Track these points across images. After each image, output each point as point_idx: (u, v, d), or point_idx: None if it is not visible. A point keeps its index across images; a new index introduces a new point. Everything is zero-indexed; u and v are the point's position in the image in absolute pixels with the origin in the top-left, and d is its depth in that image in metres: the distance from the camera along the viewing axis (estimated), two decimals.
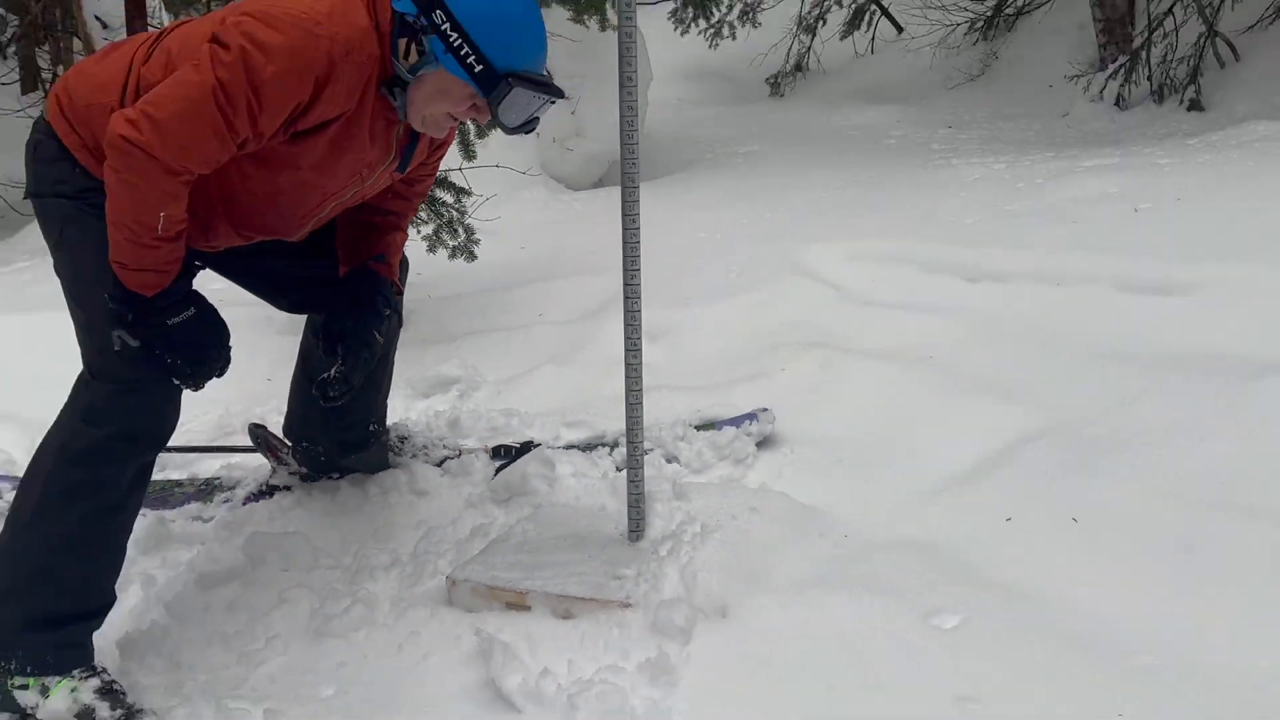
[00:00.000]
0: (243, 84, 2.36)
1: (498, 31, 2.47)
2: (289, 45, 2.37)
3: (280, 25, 2.38)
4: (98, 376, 2.62)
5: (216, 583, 2.97)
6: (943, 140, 7.41)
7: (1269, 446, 2.80)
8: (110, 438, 2.58)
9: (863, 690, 2.33)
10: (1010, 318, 3.71)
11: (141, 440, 2.64)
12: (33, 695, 2.50)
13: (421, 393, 4.14)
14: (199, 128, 2.39)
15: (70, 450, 2.59)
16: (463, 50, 2.45)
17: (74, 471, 2.57)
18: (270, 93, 2.38)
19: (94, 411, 2.59)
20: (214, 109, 2.36)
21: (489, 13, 2.47)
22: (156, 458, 2.73)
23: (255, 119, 2.41)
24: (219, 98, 2.36)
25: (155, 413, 2.65)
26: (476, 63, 2.45)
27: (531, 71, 2.51)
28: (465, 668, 2.55)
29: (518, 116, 2.57)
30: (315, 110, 2.47)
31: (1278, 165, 4.71)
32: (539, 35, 2.57)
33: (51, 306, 2.82)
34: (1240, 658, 2.29)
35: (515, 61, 2.48)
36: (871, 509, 3.00)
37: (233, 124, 2.40)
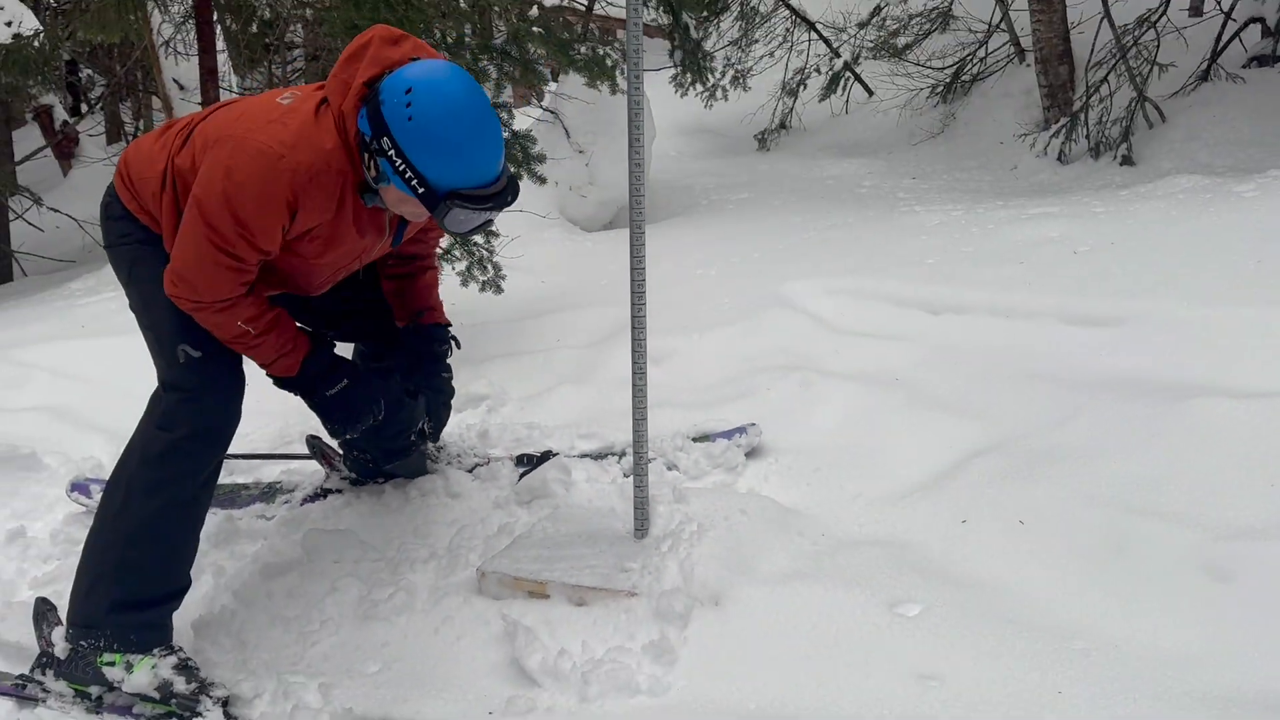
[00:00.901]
0: (230, 223, 2.42)
1: (437, 158, 2.36)
2: (258, 179, 2.39)
3: (250, 161, 2.40)
4: (169, 387, 2.68)
5: (277, 573, 2.99)
6: (907, 190, 7.40)
7: (1188, 460, 2.80)
8: (183, 439, 2.61)
9: (836, 668, 2.35)
10: (966, 346, 3.71)
11: (209, 438, 2.67)
12: (119, 670, 2.52)
13: (455, 408, 4.11)
14: (216, 270, 2.49)
15: (149, 453, 2.62)
16: (406, 174, 2.37)
17: (153, 471, 2.60)
18: (255, 223, 2.43)
19: (167, 417, 2.64)
20: (217, 253, 2.45)
21: (429, 141, 2.36)
22: (223, 460, 2.75)
23: (254, 244, 2.47)
24: (216, 242, 2.44)
25: (219, 414, 2.68)
26: (419, 185, 2.37)
27: (473, 189, 2.39)
28: (493, 648, 2.58)
29: (460, 228, 2.49)
30: (298, 223, 2.50)
31: (1198, 213, 4.69)
32: (482, 155, 2.42)
33: (132, 331, 2.85)
34: (1160, 643, 2.31)
35: (456, 182, 2.37)
36: (845, 511, 3.01)
37: (239, 256, 2.48)
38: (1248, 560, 2.46)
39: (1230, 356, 3.21)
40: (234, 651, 2.72)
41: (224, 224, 2.42)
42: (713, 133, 9.78)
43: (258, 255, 2.52)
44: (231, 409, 2.71)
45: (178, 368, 2.64)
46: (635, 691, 2.36)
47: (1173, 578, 2.48)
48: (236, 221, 2.42)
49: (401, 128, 2.35)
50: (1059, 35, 8.04)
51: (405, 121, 2.35)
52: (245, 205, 2.40)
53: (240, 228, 2.43)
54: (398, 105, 2.35)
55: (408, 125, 2.35)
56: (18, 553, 3.30)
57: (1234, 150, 6.65)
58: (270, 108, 2.53)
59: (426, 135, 2.35)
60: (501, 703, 2.39)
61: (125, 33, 6.79)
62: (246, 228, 2.43)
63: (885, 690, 2.27)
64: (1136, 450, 2.89)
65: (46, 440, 3.98)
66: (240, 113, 2.57)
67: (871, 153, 8.87)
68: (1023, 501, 2.83)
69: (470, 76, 2.47)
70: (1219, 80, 7.52)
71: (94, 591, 2.59)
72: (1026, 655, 2.31)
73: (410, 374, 3.12)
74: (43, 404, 4.26)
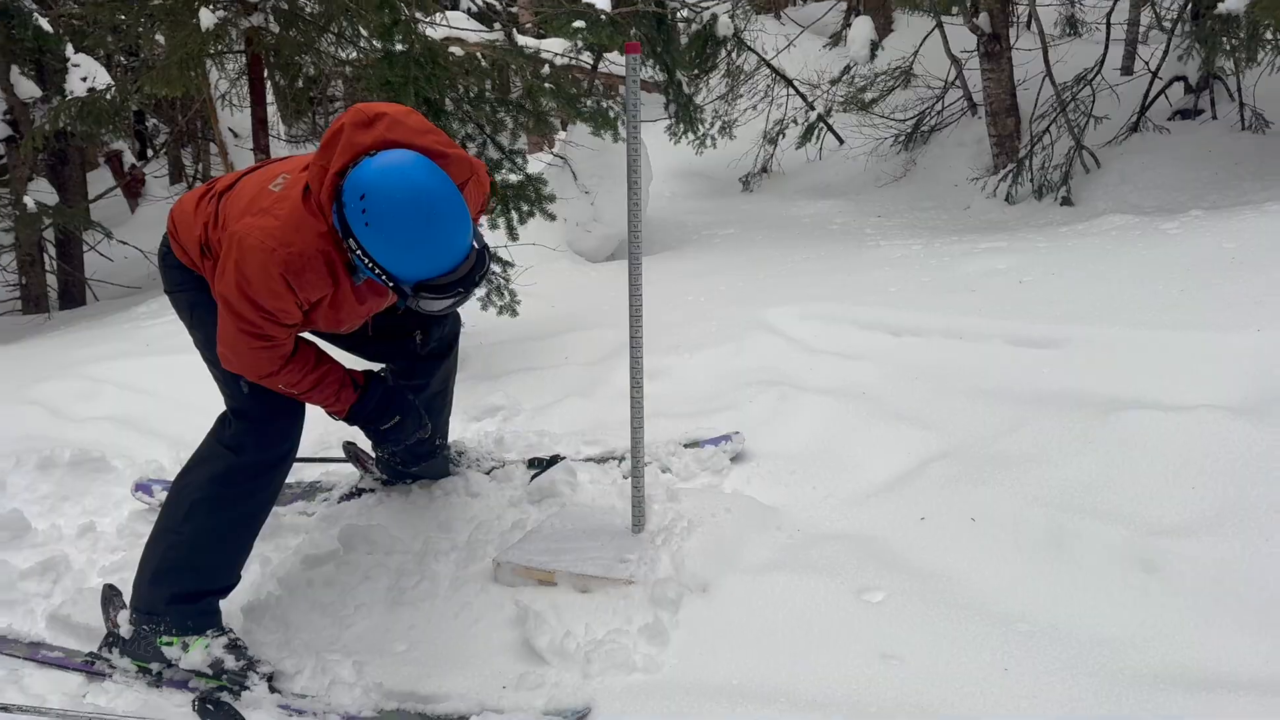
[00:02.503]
0: (251, 311, 2.41)
1: (397, 259, 2.25)
2: (261, 272, 2.35)
3: (251, 256, 2.35)
4: (236, 416, 2.68)
5: (316, 563, 3.00)
6: (873, 227, 7.39)
7: (1120, 465, 2.81)
8: (249, 463, 2.63)
9: (810, 648, 2.35)
10: (924, 364, 3.70)
11: (271, 463, 2.68)
12: (176, 650, 2.53)
13: (474, 417, 4.13)
14: (253, 353, 2.50)
15: (216, 470, 2.63)
16: (375, 271, 2.28)
17: (218, 488, 2.61)
18: (271, 306, 2.41)
19: (235, 440, 2.65)
20: (250, 338, 2.46)
21: (387, 244, 2.24)
22: (287, 475, 2.77)
23: (278, 323, 2.45)
24: (247, 330, 2.45)
25: (281, 442, 2.69)
26: (388, 280, 2.28)
27: (437, 278, 2.27)
28: (506, 629, 2.58)
29: (433, 310, 2.37)
30: (302, 297, 2.44)
31: (1129, 248, 4.72)
32: (438, 249, 2.26)
33: (189, 350, 2.86)
34: (1095, 626, 2.32)
35: (419, 275, 2.27)
36: (817, 509, 3.00)
37: (268, 336, 2.47)
38: (1172, 554, 2.47)
39: (1157, 374, 3.22)
40: (278, 632, 2.73)
41: (248, 312, 2.41)
42: (702, 176, 9.79)
43: (286, 331, 2.50)
44: (292, 437, 2.71)
45: (242, 397, 2.65)
46: (632, 669, 2.36)
47: (1106, 569, 2.49)
48: (256, 309, 2.40)
49: (361, 232, 2.25)
50: (1006, 91, 8.07)
51: (364, 227, 2.24)
52: (259, 294, 2.37)
53: (261, 313, 2.41)
54: (355, 210, 2.24)
55: (366, 230, 2.24)
56: (88, 545, 3.29)
57: (1160, 193, 6.67)
58: (262, 194, 2.47)
59: (384, 239, 2.24)
60: (514, 678, 2.38)
61: (187, 88, 6.78)
62: (266, 312, 2.41)
63: (852, 667, 2.27)
64: (1074, 457, 2.90)
65: (114, 446, 3.97)
66: (248, 198, 2.50)
67: (842, 194, 8.88)
68: (974, 501, 2.83)
69: (428, 167, 2.29)
70: (1147, 131, 7.56)
71: (157, 584, 2.60)
72: (977, 637, 2.32)
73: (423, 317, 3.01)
74: (111, 414, 4.25)
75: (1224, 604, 2.30)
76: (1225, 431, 2.80)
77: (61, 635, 2.76)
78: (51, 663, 2.62)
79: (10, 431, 4.03)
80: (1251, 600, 2.30)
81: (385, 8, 4.58)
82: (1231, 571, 2.38)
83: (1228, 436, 2.78)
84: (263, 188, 2.49)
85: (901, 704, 2.16)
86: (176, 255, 2.73)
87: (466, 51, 5.24)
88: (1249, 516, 2.52)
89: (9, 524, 3.31)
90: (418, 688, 2.43)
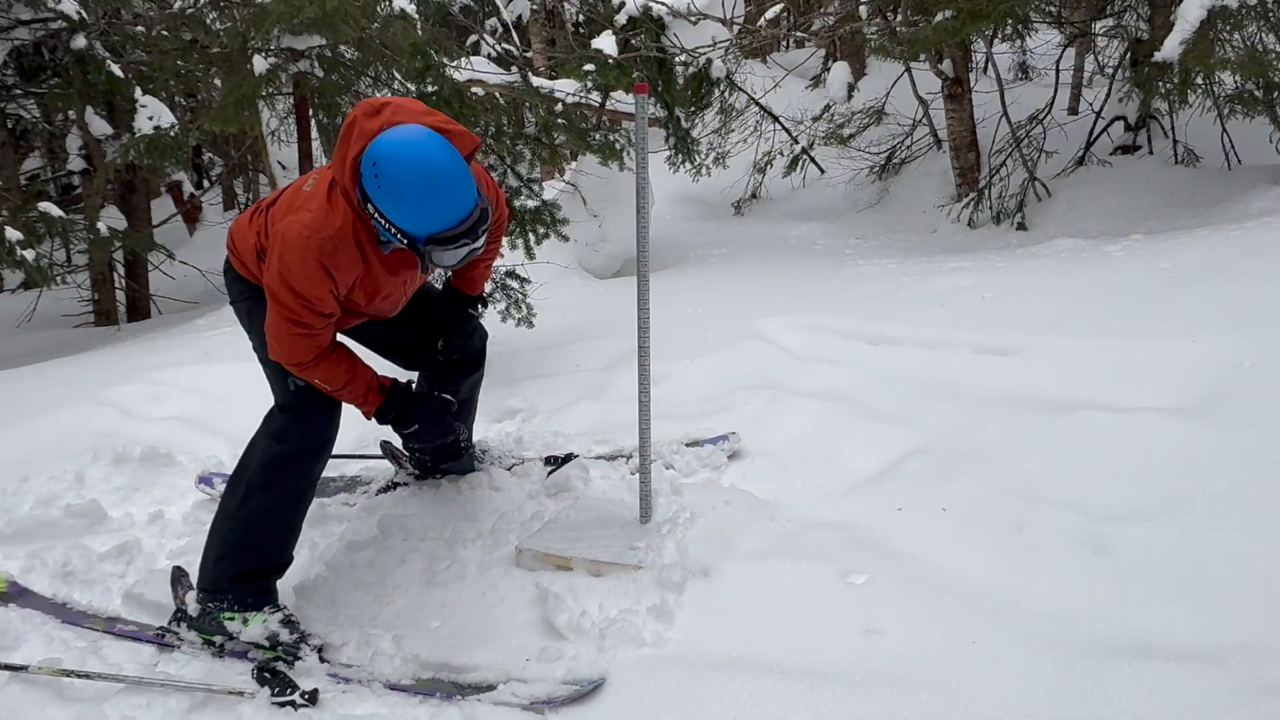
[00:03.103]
0: (291, 298, 2.41)
1: (407, 214, 2.29)
2: (299, 260, 2.38)
3: (290, 249, 2.38)
4: (282, 409, 2.69)
5: (359, 548, 3.00)
6: (852, 248, 7.39)
7: (1072, 460, 2.81)
8: (293, 449, 2.63)
9: (800, 625, 2.35)
10: (899, 370, 3.70)
11: (313, 450, 2.68)
12: (237, 624, 2.54)
13: (495, 419, 4.13)
14: (292, 340, 2.50)
15: (265, 458, 2.63)
16: (390, 230, 2.32)
17: (267, 473, 2.62)
18: (308, 293, 2.41)
19: (281, 431, 2.65)
20: (291, 325, 2.47)
21: (397, 201, 2.28)
22: (326, 463, 2.76)
23: (316, 310, 2.45)
24: (288, 316, 2.45)
25: (321, 432, 2.69)
26: (402, 237, 2.32)
27: (444, 231, 2.30)
28: (528, 609, 2.58)
29: (444, 263, 2.41)
30: (339, 284, 2.46)
31: (1078, 268, 4.71)
32: (443, 204, 2.29)
33: (244, 359, 2.86)
34: (1052, 602, 2.32)
35: (429, 229, 2.30)
36: (806, 500, 3.00)
37: (307, 324, 2.47)
38: (1120, 538, 2.48)
39: (1105, 379, 3.22)
40: (326, 609, 2.73)
41: (288, 299, 2.41)
42: (699, 201, 9.80)
43: (323, 320, 2.49)
44: (330, 429, 2.71)
45: (288, 394, 2.66)
46: (642, 644, 2.36)
47: (1061, 552, 2.49)
48: (295, 296, 2.40)
49: (377, 195, 2.29)
50: (967, 128, 8.08)
51: (378, 190, 2.28)
52: (298, 282, 2.39)
53: (300, 300, 2.41)
54: (370, 176, 2.29)
55: (380, 193, 2.28)
56: (157, 530, 3.30)
57: (1105, 219, 6.66)
58: (298, 195, 2.51)
59: (395, 198, 2.27)
60: (536, 651, 2.39)
61: (241, 125, 6.81)
62: (304, 298, 2.41)
63: (839, 642, 2.28)
64: (1032, 452, 2.90)
65: (179, 443, 3.98)
66: (286, 203, 2.54)
67: (824, 218, 8.88)
68: (945, 492, 2.83)
69: (431, 135, 2.31)
70: (1092, 165, 7.54)
71: (219, 565, 2.60)
72: (948, 613, 2.32)
73: (448, 327, 3.03)
74: (176, 415, 4.25)
75: (1165, 583, 2.30)
76: (1165, 430, 2.80)
77: (135, 611, 2.76)
78: (127, 635, 2.63)
79: (88, 429, 4.04)
80: (1190, 579, 2.30)
81: (417, 55, 4.60)
82: (1172, 553, 2.38)
83: (1167, 435, 2.78)
84: (298, 191, 2.54)
85: (882, 673, 2.17)
86: (236, 269, 2.75)
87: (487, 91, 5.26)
88: (1186, 505, 2.52)
89: (88, 512, 3.32)
90: (450, 659, 2.44)
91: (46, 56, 9.13)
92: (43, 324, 10.22)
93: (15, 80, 9.19)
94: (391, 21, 6.05)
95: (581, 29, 12.49)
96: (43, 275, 7.19)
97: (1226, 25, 5.72)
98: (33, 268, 6.97)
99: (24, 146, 12.18)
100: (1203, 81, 6.17)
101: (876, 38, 7.35)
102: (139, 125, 8.01)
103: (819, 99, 10.01)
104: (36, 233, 7.78)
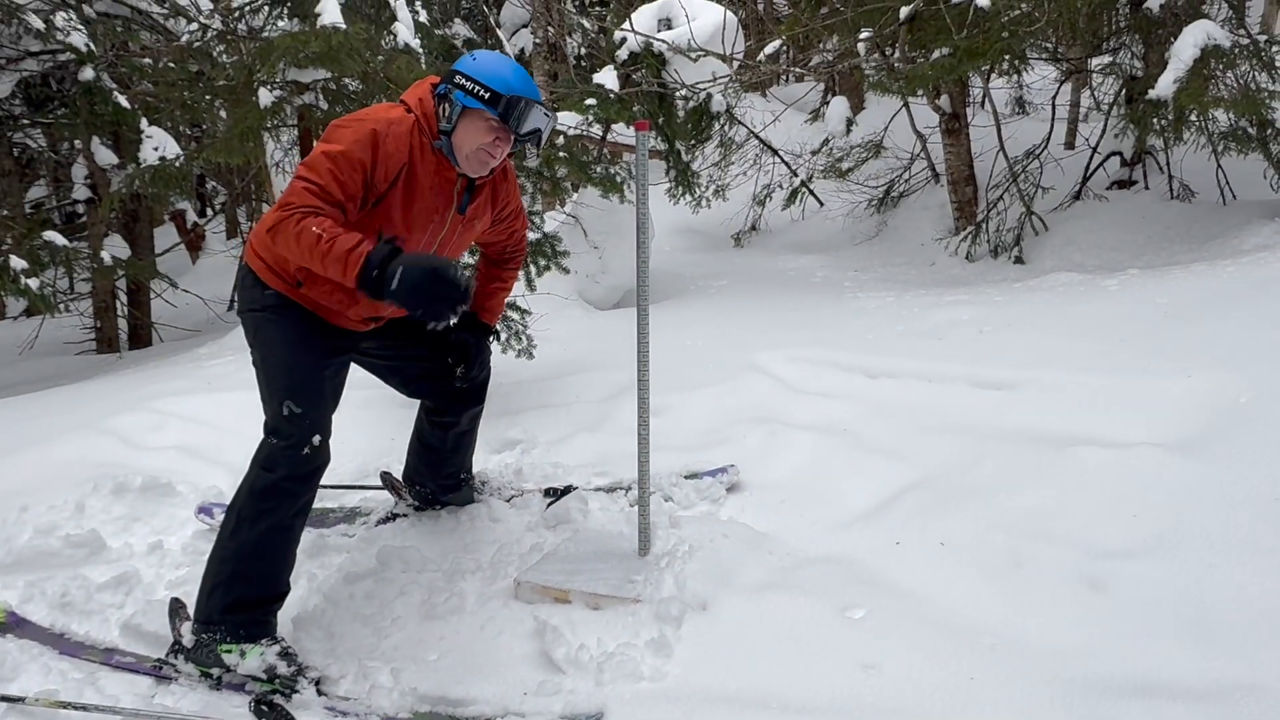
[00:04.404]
0: (322, 157, 2.47)
1: (496, 76, 2.55)
2: (353, 124, 2.53)
3: (346, 122, 2.55)
4: (272, 435, 2.65)
5: (357, 579, 2.98)
6: (851, 280, 7.41)
7: (1070, 495, 2.81)
8: (282, 479, 2.60)
9: (798, 660, 2.34)
10: (897, 403, 3.70)
11: (301, 480, 2.65)
12: (234, 657, 2.52)
13: (495, 449, 4.13)
14: (304, 194, 2.44)
15: (255, 488, 2.62)
16: (476, 90, 2.53)
17: (257, 503, 2.60)
18: (346, 149, 2.47)
19: (271, 460, 2.62)
20: (306, 192, 2.44)
21: (490, 65, 2.57)
22: (315, 492, 2.73)
23: (337, 178, 2.45)
24: (307, 182, 2.45)
25: (310, 460, 2.65)
26: (486, 92, 2.52)
27: (524, 95, 2.55)
28: (527, 642, 2.56)
29: (526, 125, 2.56)
30: (379, 169, 2.51)
31: (1075, 302, 4.73)
32: (529, 83, 2.60)
33: (245, 388, 2.85)
34: (1050, 639, 2.31)
35: (513, 86, 2.55)
36: (804, 534, 2.99)
37: (326, 190, 2.45)
38: (1118, 575, 2.47)
39: (1102, 414, 3.22)
40: (324, 641, 2.72)
41: (318, 163, 2.46)
42: (699, 233, 9.84)
43: (339, 196, 2.44)
44: (319, 457, 2.67)
45: (280, 419, 2.62)
46: (640, 678, 2.35)
47: (1059, 588, 2.48)
48: (329, 155, 2.46)
49: (469, 66, 2.56)
50: (965, 163, 8.15)
51: (471, 61, 2.59)
52: (341, 138, 2.49)
53: (331, 164, 2.45)
54: (465, 59, 2.59)
55: (473, 63, 2.57)
56: (156, 561, 3.29)
57: (1101, 253, 6.70)
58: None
59: (488, 63, 2.57)
60: (534, 685, 2.38)
61: (245, 157, 6.88)
62: (336, 164, 2.45)
63: (836, 677, 2.27)
64: (1030, 487, 2.90)
65: (179, 473, 3.98)
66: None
67: (822, 251, 8.91)
68: (942, 527, 2.83)
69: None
70: (1089, 199, 7.61)
71: (213, 595, 2.59)
72: (946, 649, 2.31)
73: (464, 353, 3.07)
74: (177, 444, 4.26)
75: (1163, 619, 2.30)
76: (1162, 466, 2.80)
77: (133, 642, 2.75)
78: (124, 667, 2.62)
79: (89, 459, 4.04)
80: (1187, 616, 2.30)
81: None
82: (1169, 590, 2.38)
83: (1164, 470, 2.78)
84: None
85: (879, 709, 2.15)
86: (255, 270, 2.71)
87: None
88: (1184, 541, 2.52)
89: (87, 542, 3.32)
90: (448, 693, 2.42)
91: (54, 87, 9.25)
92: (44, 351, 10.24)
93: (22, 110, 9.30)
94: (396, 56, 6.13)
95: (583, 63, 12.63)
96: (46, 303, 7.21)
97: (1219, 64, 5.81)
98: (36, 296, 7.00)
99: (29, 174, 12.28)
100: (1197, 119, 6.24)
101: (875, 73, 7.43)
102: (144, 155, 8.09)
103: (818, 133, 10.11)
104: (40, 261, 7.82)
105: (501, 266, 3.16)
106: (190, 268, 13.77)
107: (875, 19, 6.99)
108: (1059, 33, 7.42)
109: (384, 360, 3.05)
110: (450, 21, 12.73)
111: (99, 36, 8.71)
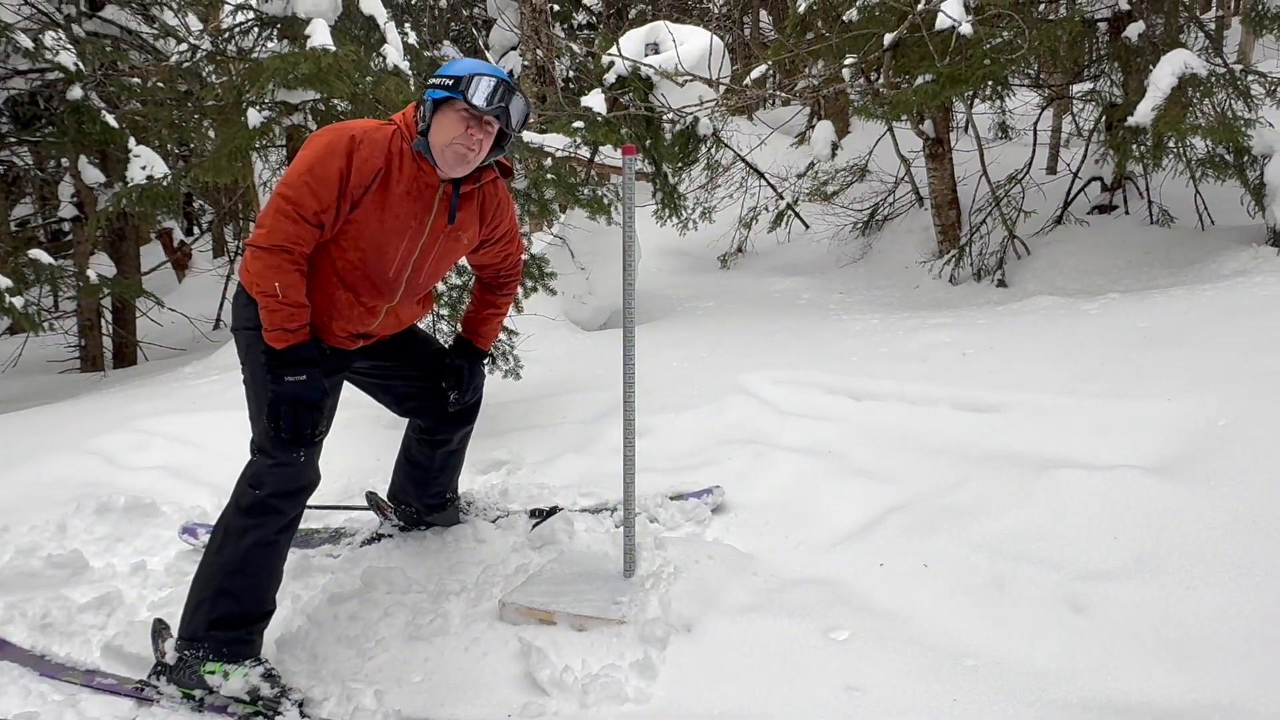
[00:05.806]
0: (296, 175, 2.53)
1: (462, 66, 2.62)
2: (329, 134, 2.59)
3: (321, 133, 2.60)
4: (259, 453, 2.65)
5: (341, 600, 2.97)
6: (836, 302, 7.45)
7: (1051, 517, 2.82)
8: (268, 496, 2.61)
9: (783, 681, 2.34)
10: (881, 425, 3.72)
11: (288, 497, 2.64)
12: (217, 678, 2.50)
13: (481, 470, 4.12)
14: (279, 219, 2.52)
15: (241, 504, 2.62)
16: (442, 82, 2.58)
17: (243, 520, 2.60)
18: (320, 164, 2.53)
19: (257, 478, 2.63)
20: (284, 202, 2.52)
21: (457, 64, 2.64)
22: (303, 510, 2.72)
23: (313, 192, 2.51)
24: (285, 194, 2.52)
25: (296, 478, 2.65)
26: (450, 79, 2.57)
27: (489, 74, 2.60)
28: (511, 663, 2.55)
29: (483, 96, 2.56)
30: (354, 175, 2.55)
31: (1056, 325, 4.78)
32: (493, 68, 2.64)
33: (230, 407, 2.85)
34: (1032, 660, 2.33)
35: (477, 69, 2.60)
36: (789, 556, 2.99)
37: (299, 203, 2.52)
38: (1098, 596, 2.49)
39: (1083, 437, 3.25)
40: (307, 663, 2.70)
41: (293, 176, 2.52)
42: (685, 254, 9.87)
43: (314, 207, 2.51)
44: (306, 474, 2.67)
45: (266, 438, 2.62)
46: (624, 700, 2.35)
47: (1040, 610, 2.50)
48: (305, 169, 2.51)
49: (443, 69, 2.63)
50: (949, 187, 8.23)
51: (445, 63, 2.89)
52: (316, 151, 2.54)
53: (307, 173, 2.51)
54: (442, 66, 2.67)
55: (447, 66, 2.64)
56: (139, 581, 3.27)
57: (1082, 277, 6.77)
58: None
59: (459, 61, 2.65)
60: (518, 707, 2.37)
61: (233, 176, 6.88)
62: (312, 172, 2.50)
63: (820, 698, 2.27)
64: (1012, 509, 2.91)
65: (163, 492, 3.95)
66: None
67: (808, 273, 8.95)
68: (926, 549, 2.84)
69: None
70: (1070, 223, 7.70)
71: (197, 611, 2.58)
72: (929, 670, 2.32)
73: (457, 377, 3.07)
74: (161, 464, 4.23)
75: (1142, 640, 2.32)
76: (1142, 488, 2.82)
77: (114, 664, 2.73)
78: (105, 689, 2.59)
79: (72, 478, 4.02)
80: (1167, 637, 2.31)
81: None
82: (1149, 612, 2.40)
83: (1144, 493, 2.80)
84: None
85: None
86: (246, 287, 2.66)
87: None
88: (1163, 563, 2.54)
89: (69, 563, 3.29)
90: (432, 715, 2.41)
91: (42, 105, 9.23)
92: (28, 369, 10.17)
93: (10, 128, 9.28)
94: (385, 78, 6.17)
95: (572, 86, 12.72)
96: (30, 321, 7.17)
97: (1196, 92, 5.92)
98: (20, 314, 6.96)
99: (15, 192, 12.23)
100: (1175, 145, 6.34)
101: (859, 98, 7.53)
102: (132, 174, 8.07)
103: (803, 156, 10.21)
104: (25, 279, 7.78)
105: (495, 292, 3.17)
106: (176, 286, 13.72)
107: (860, 45, 7.08)
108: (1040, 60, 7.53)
109: (376, 379, 3.05)
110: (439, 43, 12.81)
111: (88, 56, 8.72)
